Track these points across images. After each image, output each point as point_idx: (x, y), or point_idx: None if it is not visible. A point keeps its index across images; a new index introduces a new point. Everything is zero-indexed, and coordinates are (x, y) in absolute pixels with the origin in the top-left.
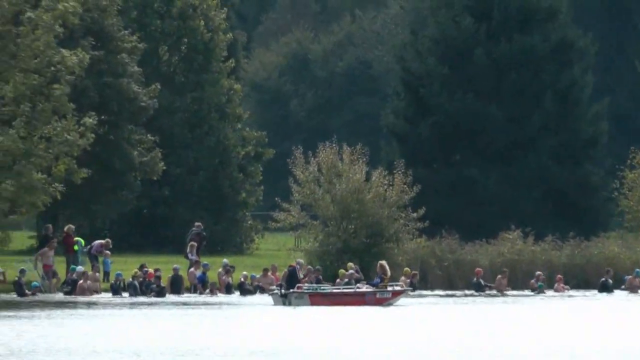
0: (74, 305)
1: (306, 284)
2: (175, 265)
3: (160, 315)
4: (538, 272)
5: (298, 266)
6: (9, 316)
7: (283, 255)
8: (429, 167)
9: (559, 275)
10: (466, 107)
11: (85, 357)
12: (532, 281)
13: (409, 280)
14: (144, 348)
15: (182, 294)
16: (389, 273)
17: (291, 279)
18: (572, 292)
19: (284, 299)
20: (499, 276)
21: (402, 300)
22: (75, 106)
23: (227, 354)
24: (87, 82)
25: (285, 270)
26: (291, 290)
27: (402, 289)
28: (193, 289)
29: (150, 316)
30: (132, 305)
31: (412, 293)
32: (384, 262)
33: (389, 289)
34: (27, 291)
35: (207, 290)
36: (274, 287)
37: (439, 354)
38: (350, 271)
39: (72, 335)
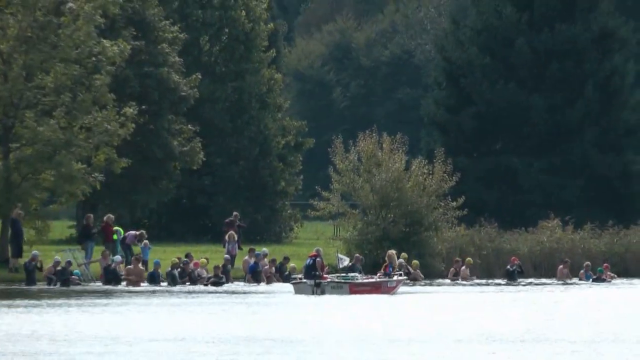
0: (122, 294)
1: (334, 275)
2: (226, 255)
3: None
4: (587, 263)
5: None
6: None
7: (322, 244)
8: (469, 156)
9: (606, 264)
10: (508, 97)
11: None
12: (582, 272)
13: (468, 270)
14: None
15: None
16: (396, 262)
17: (312, 269)
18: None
19: (316, 288)
20: (560, 266)
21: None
22: (115, 96)
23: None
24: (128, 72)
25: (308, 260)
26: (329, 280)
27: (401, 278)
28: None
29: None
30: (165, 294)
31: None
32: (392, 252)
33: (394, 278)
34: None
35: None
36: (295, 275)
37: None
38: (400, 260)
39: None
